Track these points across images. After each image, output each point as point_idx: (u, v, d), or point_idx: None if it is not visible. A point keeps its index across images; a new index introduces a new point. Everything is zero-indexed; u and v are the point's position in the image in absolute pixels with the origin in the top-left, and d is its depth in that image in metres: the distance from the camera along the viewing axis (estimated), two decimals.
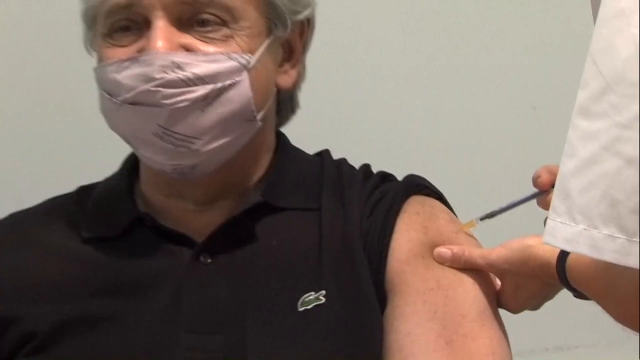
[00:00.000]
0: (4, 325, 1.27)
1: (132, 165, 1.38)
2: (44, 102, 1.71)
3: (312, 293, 1.25)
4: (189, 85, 1.23)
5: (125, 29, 1.27)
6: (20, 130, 1.71)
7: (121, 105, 1.25)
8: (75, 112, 1.50)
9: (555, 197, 0.91)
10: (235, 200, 1.32)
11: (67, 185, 1.43)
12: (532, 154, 1.59)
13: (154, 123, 1.23)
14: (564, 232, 0.90)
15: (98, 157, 1.41)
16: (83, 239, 1.32)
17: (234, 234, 1.29)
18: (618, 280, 0.97)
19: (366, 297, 1.26)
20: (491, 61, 1.93)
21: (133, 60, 1.24)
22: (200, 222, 1.30)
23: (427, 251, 1.27)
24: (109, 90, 1.26)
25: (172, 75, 1.23)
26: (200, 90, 1.23)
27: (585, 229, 0.89)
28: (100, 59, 1.29)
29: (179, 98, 1.23)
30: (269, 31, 1.31)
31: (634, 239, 0.86)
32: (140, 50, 1.25)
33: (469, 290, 1.25)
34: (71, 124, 1.57)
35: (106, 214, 1.34)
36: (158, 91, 1.22)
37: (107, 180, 1.39)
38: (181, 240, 1.28)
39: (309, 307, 1.25)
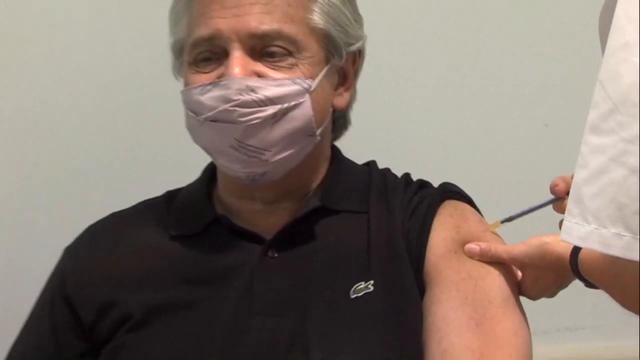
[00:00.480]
0: (105, 309, 1.29)
1: (210, 173, 1.40)
2: (142, 123, 1.69)
3: (362, 283, 1.27)
4: (260, 106, 1.24)
5: (207, 59, 1.28)
6: (123, 146, 1.70)
7: (203, 122, 1.26)
8: (165, 129, 1.49)
9: (570, 202, 0.92)
10: (297, 202, 1.33)
11: (157, 189, 1.45)
12: (544, 167, 1.57)
13: (231, 137, 1.25)
14: (578, 231, 0.91)
15: (183, 165, 1.42)
16: (170, 236, 1.34)
17: (297, 232, 1.30)
18: (623, 272, 0.97)
19: (408, 287, 1.27)
20: (506, 79, 1.86)
21: (214, 84, 1.26)
22: (268, 223, 1.31)
23: (459, 247, 1.28)
24: (193, 110, 1.28)
25: (246, 97, 1.24)
26: (270, 110, 1.25)
27: (596, 229, 0.90)
28: (187, 83, 1.30)
29: (252, 116, 1.24)
30: (327, 60, 1.31)
31: (637, 237, 0.87)
32: (220, 76, 1.26)
33: (495, 280, 1.26)
34: (162, 138, 1.55)
35: (189, 215, 1.36)
36: (235, 110, 1.24)
37: (190, 186, 1.41)
38: (252, 237, 1.30)
39: (359, 294, 1.27)
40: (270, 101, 1.25)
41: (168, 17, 1.36)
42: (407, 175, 1.40)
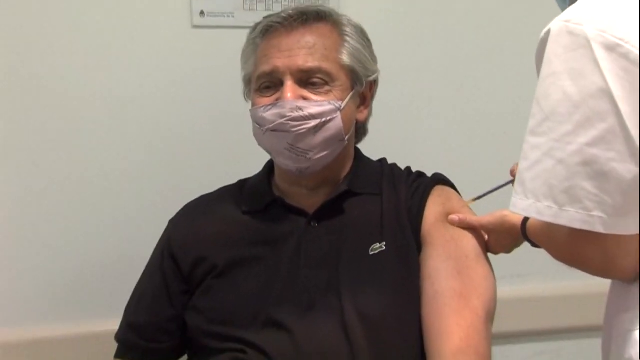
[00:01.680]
0: (198, 262, 1.32)
1: (269, 167, 1.41)
2: (225, 133, 1.64)
3: (378, 243, 1.30)
4: (306, 120, 1.26)
5: (268, 87, 1.30)
6: (214, 151, 1.65)
7: (266, 132, 1.28)
8: (239, 136, 1.45)
9: (516, 184, 0.95)
10: (331, 187, 1.34)
11: (233, 178, 1.45)
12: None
13: (285, 142, 1.27)
14: (522, 204, 0.93)
15: (251, 161, 1.41)
16: (242, 211, 1.36)
17: (331, 208, 1.32)
18: (555, 234, 0.98)
19: (410, 247, 1.30)
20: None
21: (273, 105, 1.27)
22: (310, 202, 1.33)
23: (444, 218, 1.30)
24: (258, 123, 1.30)
25: (296, 114, 1.26)
26: (312, 123, 1.27)
27: (533, 202, 0.92)
28: (253, 104, 1.32)
29: (300, 127, 1.26)
30: (352, 87, 1.32)
31: (563, 208, 0.90)
32: (277, 99, 1.28)
33: (469, 241, 1.28)
34: (237, 142, 1.51)
35: (255, 197, 1.37)
36: (288, 123, 1.26)
37: (255, 176, 1.42)
38: (300, 212, 1.33)
39: (376, 252, 1.29)
40: (313, 117, 1.27)
41: (240, 57, 1.37)
42: (408, 168, 1.42)
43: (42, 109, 1.56)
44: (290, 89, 1.27)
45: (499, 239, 1.28)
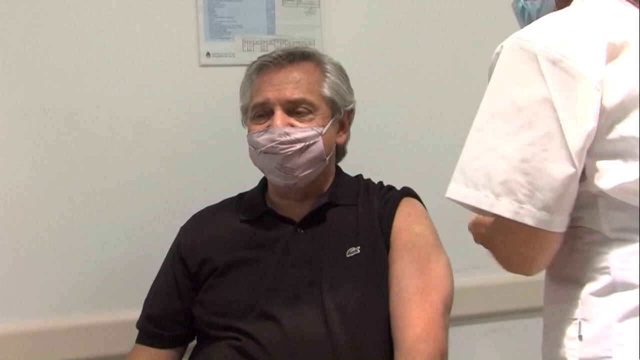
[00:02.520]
0: (203, 263, 1.31)
1: (263, 182, 1.40)
2: (226, 154, 1.59)
3: (353, 247, 1.29)
4: (292, 143, 1.26)
5: (261, 115, 1.30)
6: (218, 168, 1.60)
7: (259, 153, 1.28)
8: (237, 155, 1.42)
9: (457, 173, 0.92)
10: (315, 199, 1.32)
11: (233, 192, 1.43)
12: None
13: (275, 162, 1.27)
14: (460, 191, 0.91)
15: (248, 178, 1.39)
16: (240, 219, 1.35)
17: (315, 217, 1.31)
18: (483, 220, 0.99)
19: (381, 250, 1.28)
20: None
21: (265, 131, 1.27)
22: (297, 212, 1.32)
23: (409, 226, 1.28)
24: (253, 146, 1.30)
25: (284, 138, 1.26)
26: (298, 146, 1.26)
27: (473, 191, 0.90)
28: (249, 130, 1.32)
29: (287, 150, 1.26)
30: (332, 115, 1.32)
31: (499, 198, 0.87)
32: (268, 126, 1.28)
33: (430, 246, 1.27)
34: (237, 163, 1.44)
35: (251, 207, 1.36)
36: (277, 146, 1.26)
37: (252, 190, 1.41)
38: (288, 221, 1.32)
39: (352, 255, 1.28)
40: (298, 140, 1.27)
41: (239, 90, 1.37)
42: (381, 182, 1.40)
43: (78, 134, 1.55)
44: (279, 117, 1.27)
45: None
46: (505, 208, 0.88)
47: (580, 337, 0.90)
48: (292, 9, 1.63)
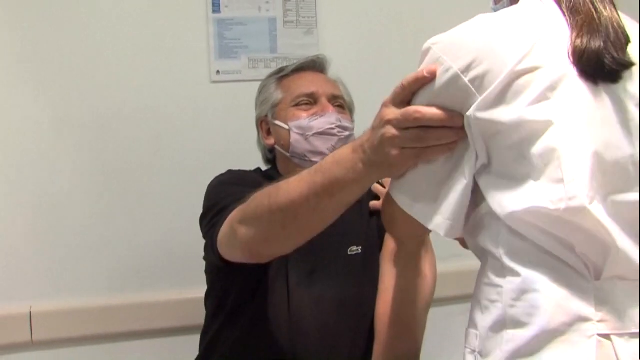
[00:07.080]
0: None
1: (269, 175, 1.38)
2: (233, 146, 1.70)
3: (355, 246, 1.32)
4: (344, 129, 1.31)
5: (306, 104, 1.33)
6: (221, 164, 1.51)
7: (310, 137, 1.29)
8: (246, 159, 1.49)
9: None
10: None
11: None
12: None
13: (329, 144, 1.29)
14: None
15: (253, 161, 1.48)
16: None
17: None
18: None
19: (376, 250, 1.31)
20: None
21: (321, 115, 1.30)
22: None
23: None
24: (302, 129, 1.30)
25: (340, 123, 1.31)
26: (347, 133, 1.31)
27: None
28: (293, 117, 1.31)
29: (342, 134, 1.30)
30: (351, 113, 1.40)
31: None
32: (315, 113, 1.31)
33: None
34: (243, 166, 1.46)
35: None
36: (335, 129, 1.30)
37: (255, 170, 1.43)
38: None
39: (353, 253, 1.31)
40: (346, 129, 1.32)
41: (261, 92, 1.42)
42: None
43: (109, 142, 1.70)
44: (331, 106, 1.33)
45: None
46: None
47: None
48: (292, 30, 1.76)
